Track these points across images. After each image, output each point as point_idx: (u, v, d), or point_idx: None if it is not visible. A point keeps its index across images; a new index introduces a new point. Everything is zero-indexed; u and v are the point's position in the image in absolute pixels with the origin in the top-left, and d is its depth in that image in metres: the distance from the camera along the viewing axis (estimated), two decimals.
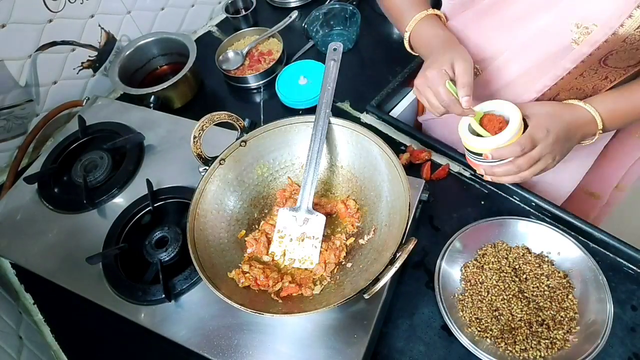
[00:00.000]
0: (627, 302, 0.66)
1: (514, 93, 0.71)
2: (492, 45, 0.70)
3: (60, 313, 0.81)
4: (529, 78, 0.68)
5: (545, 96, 0.68)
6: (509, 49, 0.68)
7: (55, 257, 0.78)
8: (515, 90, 0.71)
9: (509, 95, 0.72)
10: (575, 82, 0.65)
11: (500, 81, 0.72)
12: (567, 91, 0.67)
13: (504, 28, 0.67)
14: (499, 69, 0.71)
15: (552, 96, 0.68)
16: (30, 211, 0.85)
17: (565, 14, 0.58)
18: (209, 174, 0.67)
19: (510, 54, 0.68)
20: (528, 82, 0.68)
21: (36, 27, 0.95)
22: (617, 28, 0.54)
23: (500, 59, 0.70)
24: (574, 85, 0.66)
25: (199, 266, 0.58)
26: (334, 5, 1.11)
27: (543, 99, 0.69)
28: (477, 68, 0.74)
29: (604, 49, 0.57)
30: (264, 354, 0.62)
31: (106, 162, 0.88)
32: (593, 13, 0.55)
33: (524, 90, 0.69)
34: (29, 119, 1.03)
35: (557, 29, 0.59)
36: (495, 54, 0.71)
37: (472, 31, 0.73)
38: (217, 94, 1.11)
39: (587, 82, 0.65)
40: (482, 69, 0.74)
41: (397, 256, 0.54)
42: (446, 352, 0.65)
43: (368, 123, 0.95)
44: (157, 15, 1.16)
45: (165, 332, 0.66)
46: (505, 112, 0.63)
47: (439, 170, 0.83)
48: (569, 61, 0.61)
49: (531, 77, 0.67)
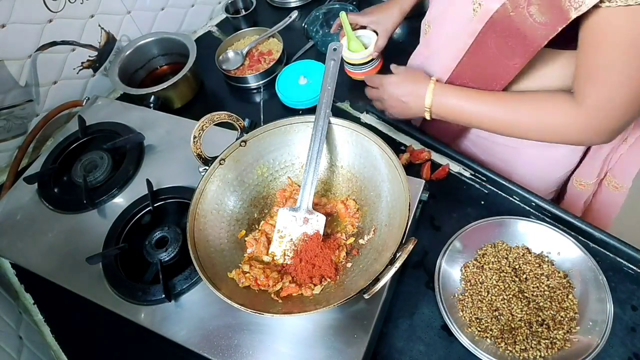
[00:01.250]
0: (627, 302, 0.66)
1: (440, 59, 0.76)
2: (440, 8, 0.75)
3: (60, 313, 0.81)
4: (448, 46, 0.72)
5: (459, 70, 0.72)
6: (443, 14, 0.73)
7: (55, 257, 0.78)
8: (440, 56, 0.76)
9: (437, 61, 0.77)
10: (478, 60, 0.68)
11: (434, 44, 0.78)
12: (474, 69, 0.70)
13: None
14: (434, 32, 0.77)
15: (464, 71, 0.72)
16: (30, 211, 0.85)
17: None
18: (209, 174, 0.67)
19: (441, 19, 0.74)
20: (448, 50, 0.73)
21: (36, 27, 0.95)
22: (494, 13, 0.59)
23: (436, 22, 0.76)
24: (478, 63, 0.69)
25: (199, 266, 0.58)
26: (334, 5, 1.11)
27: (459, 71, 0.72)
28: (430, 27, 0.79)
29: (487, 29, 0.62)
30: (264, 354, 0.62)
31: (106, 162, 0.88)
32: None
33: (446, 57, 0.74)
34: (29, 119, 1.03)
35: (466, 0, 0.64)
36: (436, 17, 0.76)
37: None
38: (217, 94, 1.11)
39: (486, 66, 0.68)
40: (428, 32, 0.79)
41: (397, 256, 0.54)
42: (446, 352, 0.65)
43: (368, 123, 0.95)
44: (157, 15, 1.16)
45: (165, 332, 0.66)
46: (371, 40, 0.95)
47: (439, 170, 0.83)
48: (468, 35, 0.66)
49: (450, 45, 0.72)
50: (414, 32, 1.11)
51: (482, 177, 0.82)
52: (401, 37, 1.12)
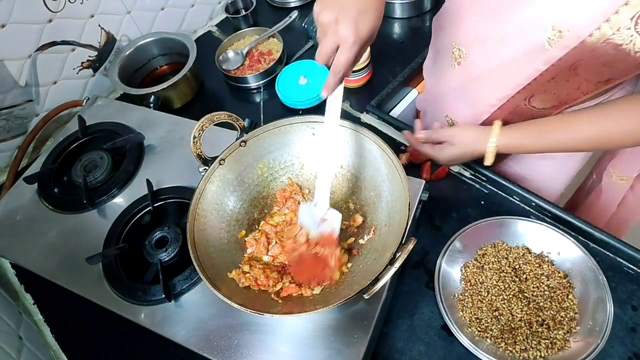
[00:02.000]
0: (627, 302, 0.66)
1: (490, 85, 0.72)
2: (478, 32, 0.70)
3: (60, 313, 0.81)
4: (505, 73, 0.68)
5: (520, 95, 0.68)
6: (491, 39, 0.68)
7: (55, 257, 0.78)
8: (491, 82, 0.72)
9: (485, 86, 0.73)
10: (549, 85, 0.65)
11: (479, 70, 0.72)
12: (542, 93, 0.67)
13: (488, 17, 0.67)
14: (480, 58, 0.72)
15: (527, 95, 0.68)
16: (30, 211, 0.85)
17: (543, 14, 0.58)
18: (208, 174, 0.67)
19: (492, 44, 0.68)
20: (504, 76, 0.68)
21: (36, 27, 0.95)
22: (586, 37, 0.54)
23: (483, 48, 0.70)
24: (548, 89, 0.66)
25: (199, 266, 0.58)
26: None
27: (518, 97, 0.69)
28: (462, 51, 0.74)
29: (572, 55, 0.57)
30: (264, 354, 0.62)
31: (106, 162, 0.88)
32: (568, 17, 0.55)
33: (499, 85, 0.70)
34: (29, 119, 1.03)
35: (535, 27, 0.60)
36: (480, 41, 0.71)
37: (464, 14, 0.73)
38: (217, 94, 1.10)
39: (561, 88, 0.65)
40: (468, 54, 0.74)
41: (397, 256, 0.53)
42: (446, 352, 0.65)
43: (368, 123, 0.95)
44: (157, 15, 1.16)
45: (165, 332, 0.66)
46: None
47: (439, 170, 0.83)
48: (542, 62, 0.61)
49: (507, 72, 0.67)
50: (414, 32, 1.12)
51: (482, 177, 0.82)
52: (401, 37, 1.12)
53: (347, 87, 1.02)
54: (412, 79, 1.06)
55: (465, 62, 0.74)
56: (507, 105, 0.71)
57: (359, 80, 0.99)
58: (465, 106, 0.79)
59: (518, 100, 0.69)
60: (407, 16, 1.14)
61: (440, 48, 0.83)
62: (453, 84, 0.79)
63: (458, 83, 0.77)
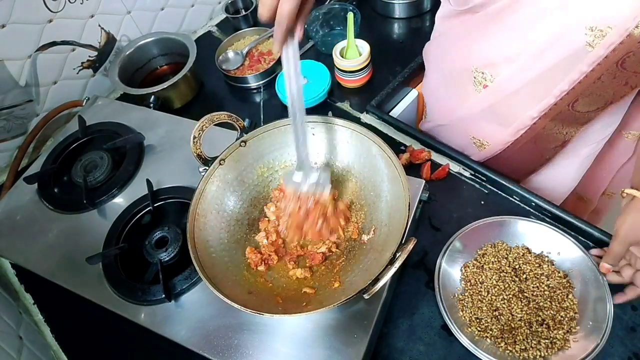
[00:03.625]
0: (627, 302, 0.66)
1: (528, 98, 0.70)
2: (504, 50, 0.69)
3: (60, 313, 0.81)
4: (545, 82, 0.66)
5: (564, 101, 0.67)
6: (523, 55, 0.66)
7: (55, 257, 0.78)
8: (528, 96, 0.70)
9: (521, 101, 0.71)
10: (594, 87, 0.64)
11: (513, 87, 0.70)
12: (587, 97, 0.66)
13: (516, 33, 0.66)
14: (513, 75, 0.69)
15: (570, 101, 0.67)
16: (30, 211, 0.85)
17: (578, 18, 0.57)
18: (208, 174, 0.67)
19: (525, 59, 0.66)
20: (544, 86, 0.67)
21: (36, 27, 0.95)
22: (632, 29, 0.53)
23: (514, 65, 0.68)
24: (593, 91, 0.65)
25: (198, 266, 0.58)
26: (334, 5, 1.11)
27: (561, 103, 0.68)
28: (485, 74, 0.72)
29: (619, 51, 0.56)
30: (264, 354, 0.62)
31: (106, 162, 0.88)
32: (607, 15, 0.54)
33: (538, 96, 0.68)
34: (29, 119, 1.03)
35: (571, 32, 0.58)
36: (508, 60, 0.69)
37: (477, 37, 0.71)
38: (217, 94, 1.11)
39: (607, 88, 0.64)
40: (495, 75, 0.72)
41: (397, 256, 0.53)
42: (446, 352, 0.65)
43: (368, 123, 0.95)
44: (157, 15, 1.16)
45: (165, 332, 0.66)
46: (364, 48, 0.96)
47: (439, 170, 0.83)
48: (586, 64, 0.60)
49: (548, 81, 0.66)
50: (414, 32, 1.12)
51: (482, 177, 0.82)
52: (401, 37, 1.13)
53: (347, 87, 1.02)
54: (412, 79, 1.06)
55: (494, 84, 0.72)
56: (549, 114, 0.70)
57: (359, 80, 0.99)
58: (496, 126, 0.78)
59: (561, 106, 0.68)
60: (407, 16, 1.14)
61: (453, 74, 0.80)
62: (480, 107, 0.77)
63: (487, 105, 0.75)
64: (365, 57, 0.95)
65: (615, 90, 0.64)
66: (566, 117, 0.71)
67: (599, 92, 0.65)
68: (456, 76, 0.80)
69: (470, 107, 0.79)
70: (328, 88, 0.98)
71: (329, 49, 1.02)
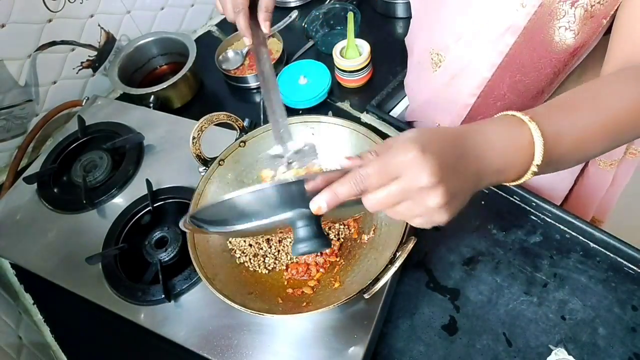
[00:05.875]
0: (627, 302, 0.66)
1: (469, 76, 0.71)
2: (451, 31, 0.70)
3: (60, 313, 0.80)
4: (480, 58, 0.68)
5: (496, 78, 0.68)
6: (466, 33, 0.68)
7: (55, 257, 0.78)
8: (469, 73, 0.71)
9: (465, 78, 0.72)
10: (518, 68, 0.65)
11: (458, 65, 0.72)
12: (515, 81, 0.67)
13: (455, 14, 0.68)
14: (456, 54, 0.71)
15: (502, 80, 0.68)
16: (29, 211, 0.85)
17: None
18: (208, 174, 0.67)
19: (467, 37, 0.68)
20: (480, 63, 0.69)
21: (36, 27, 0.95)
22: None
23: (457, 44, 0.70)
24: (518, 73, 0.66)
25: (198, 266, 0.58)
26: (334, 5, 1.11)
27: (495, 81, 0.69)
28: (440, 55, 0.74)
29: (534, 22, 0.59)
30: (264, 354, 0.62)
31: (106, 162, 0.88)
32: None
33: (476, 72, 0.70)
34: (28, 118, 1.03)
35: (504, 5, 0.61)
36: (454, 39, 0.70)
37: (434, 16, 0.73)
38: (217, 93, 1.10)
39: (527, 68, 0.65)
40: (445, 56, 0.73)
41: (397, 256, 0.54)
42: (446, 352, 0.65)
43: (368, 123, 0.94)
44: (157, 15, 1.16)
45: (165, 332, 0.66)
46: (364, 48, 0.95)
47: None
48: (510, 35, 0.62)
49: (482, 57, 0.68)
50: None
51: None
52: (401, 37, 1.12)
53: (347, 86, 1.01)
54: None
55: (443, 64, 0.74)
56: (486, 92, 0.71)
57: (359, 80, 0.99)
58: (448, 106, 0.79)
59: (494, 86, 0.69)
60: (407, 16, 1.14)
61: (418, 59, 0.82)
62: (435, 86, 0.79)
63: (440, 84, 0.77)
64: (365, 57, 0.95)
65: (537, 70, 0.65)
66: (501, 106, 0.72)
67: (521, 74, 0.66)
68: (421, 61, 0.81)
69: (430, 89, 0.80)
70: (328, 88, 0.98)
71: (329, 48, 1.01)
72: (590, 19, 0.56)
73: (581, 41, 0.59)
